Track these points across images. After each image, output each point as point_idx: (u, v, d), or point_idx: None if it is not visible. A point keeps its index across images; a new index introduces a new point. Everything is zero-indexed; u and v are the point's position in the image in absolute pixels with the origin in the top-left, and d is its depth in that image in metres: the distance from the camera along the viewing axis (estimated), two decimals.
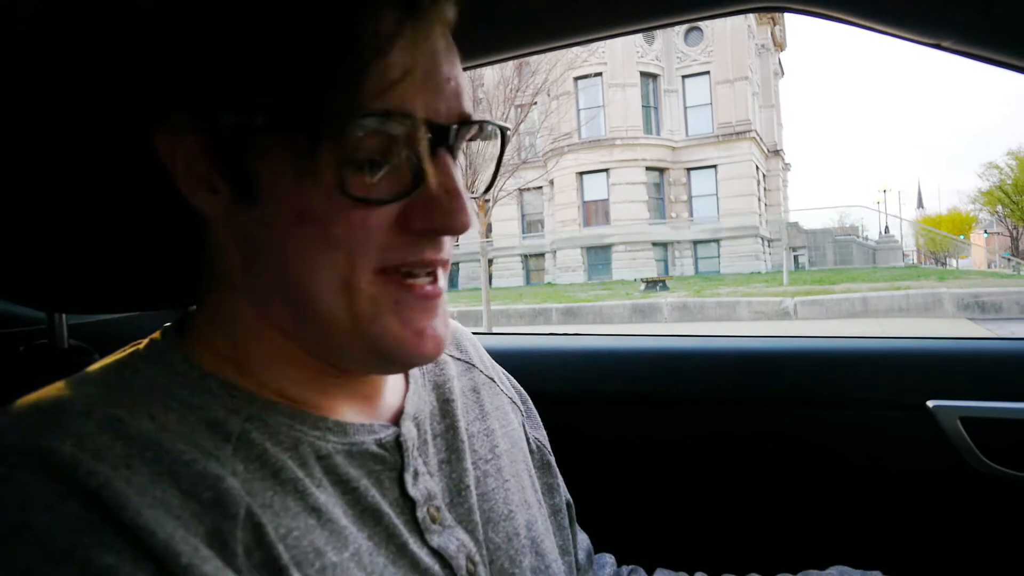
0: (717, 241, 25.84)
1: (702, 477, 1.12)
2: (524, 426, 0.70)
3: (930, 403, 0.96)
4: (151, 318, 0.97)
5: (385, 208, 0.42)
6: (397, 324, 0.45)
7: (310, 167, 0.41)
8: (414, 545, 0.48)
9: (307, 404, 0.48)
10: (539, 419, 0.74)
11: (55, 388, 0.42)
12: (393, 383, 0.57)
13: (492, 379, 0.69)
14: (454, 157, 0.46)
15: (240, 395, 0.45)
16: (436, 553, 0.49)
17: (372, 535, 0.46)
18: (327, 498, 0.44)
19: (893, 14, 0.68)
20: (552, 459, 0.71)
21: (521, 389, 0.74)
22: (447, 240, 0.46)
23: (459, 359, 0.67)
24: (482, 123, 0.48)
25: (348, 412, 0.50)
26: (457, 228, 0.44)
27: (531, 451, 0.69)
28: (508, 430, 0.65)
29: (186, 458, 0.39)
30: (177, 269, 0.54)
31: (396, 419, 0.53)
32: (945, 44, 0.69)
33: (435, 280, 0.47)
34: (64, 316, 0.75)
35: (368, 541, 0.45)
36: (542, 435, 0.72)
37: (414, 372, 0.59)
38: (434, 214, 0.43)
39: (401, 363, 0.49)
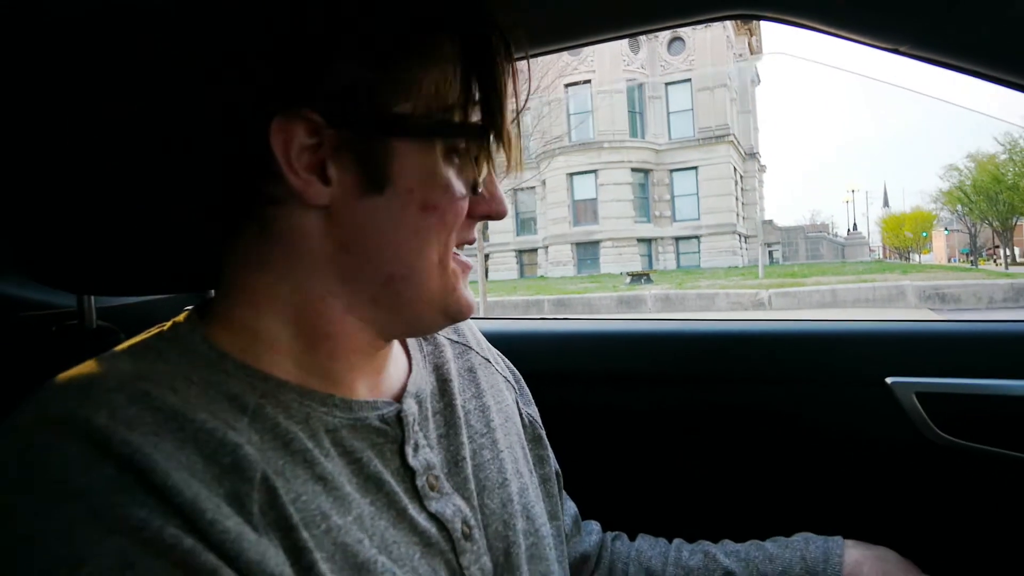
0: (698, 238, 25.89)
1: (680, 449, 1.13)
2: (517, 403, 0.71)
3: (888, 379, 0.97)
4: (171, 301, 0.98)
5: (467, 198, 0.50)
6: (465, 291, 0.53)
7: (436, 166, 0.47)
8: (413, 510, 0.49)
9: (317, 384, 0.49)
10: (531, 396, 0.75)
11: (88, 366, 0.43)
12: (396, 363, 0.58)
13: (488, 360, 0.70)
14: None
15: (254, 374, 0.46)
16: (434, 517, 0.50)
17: (374, 501, 0.47)
18: (333, 467, 0.46)
19: (855, 21, 0.69)
20: (543, 432, 0.72)
21: (514, 369, 0.75)
22: None
23: (456, 342, 0.68)
24: None
25: (357, 390, 0.52)
26: (504, 213, 0.53)
27: (524, 425, 0.70)
28: (502, 406, 0.67)
29: (208, 427, 0.40)
30: (199, 258, 0.54)
31: (399, 397, 0.55)
32: (903, 49, 0.70)
33: None
34: (92, 299, 0.75)
35: (371, 506, 0.47)
36: (534, 411, 0.73)
37: (416, 355, 0.61)
38: (492, 203, 0.52)
39: (457, 320, 0.54)
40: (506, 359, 0.76)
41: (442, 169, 0.47)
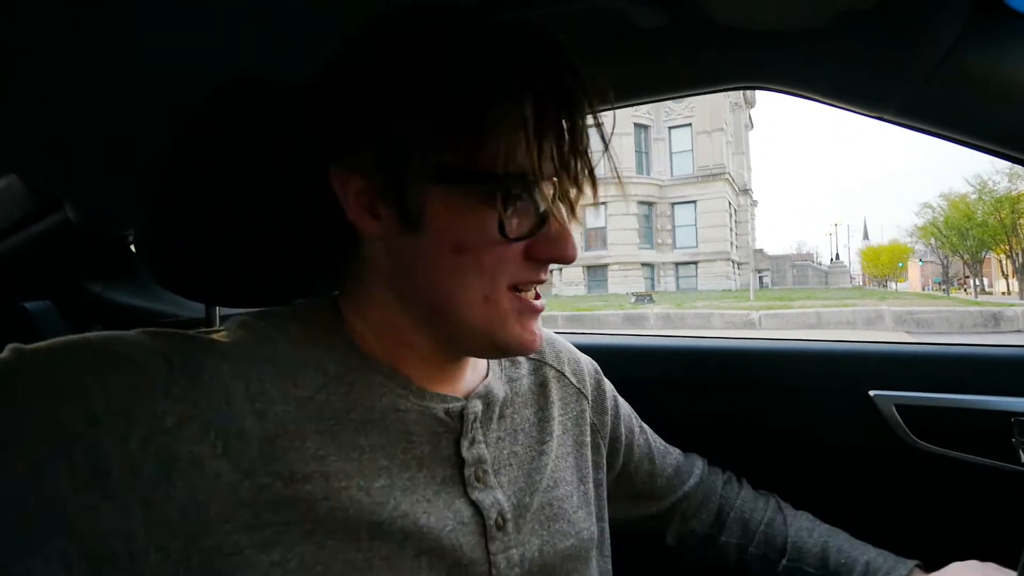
0: (695, 263, 25.65)
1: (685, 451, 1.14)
2: (589, 412, 0.69)
3: (871, 392, 0.99)
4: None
5: (519, 243, 0.46)
6: (519, 328, 0.48)
7: (472, 209, 0.44)
8: (451, 493, 0.50)
9: (404, 373, 0.50)
10: (606, 404, 0.73)
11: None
12: (476, 369, 0.58)
13: (562, 373, 0.68)
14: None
15: (358, 353, 0.49)
16: (473, 504, 0.51)
17: (413, 477, 0.48)
18: (379, 441, 0.47)
19: (843, 92, 0.72)
20: (602, 441, 0.70)
21: (595, 379, 0.73)
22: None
23: (532, 358, 0.66)
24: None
25: (433, 385, 0.52)
26: (570, 259, 0.48)
27: (592, 431, 0.69)
28: (565, 418, 0.65)
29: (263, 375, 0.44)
30: (313, 275, 0.57)
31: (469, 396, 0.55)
32: (887, 117, 0.72)
33: (537, 296, 0.51)
34: (218, 309, 0.80)
35: (408, 481, 0.47)
36: (603, 419, 0.71)
37: (493, 364, 0.60)
38: (554, 248, 0.47)
39: (513, 354, 0.51)
40: (587, 370, 0.73)
41: (479, 214, 0.44)
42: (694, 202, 25.96)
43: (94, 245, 1.25)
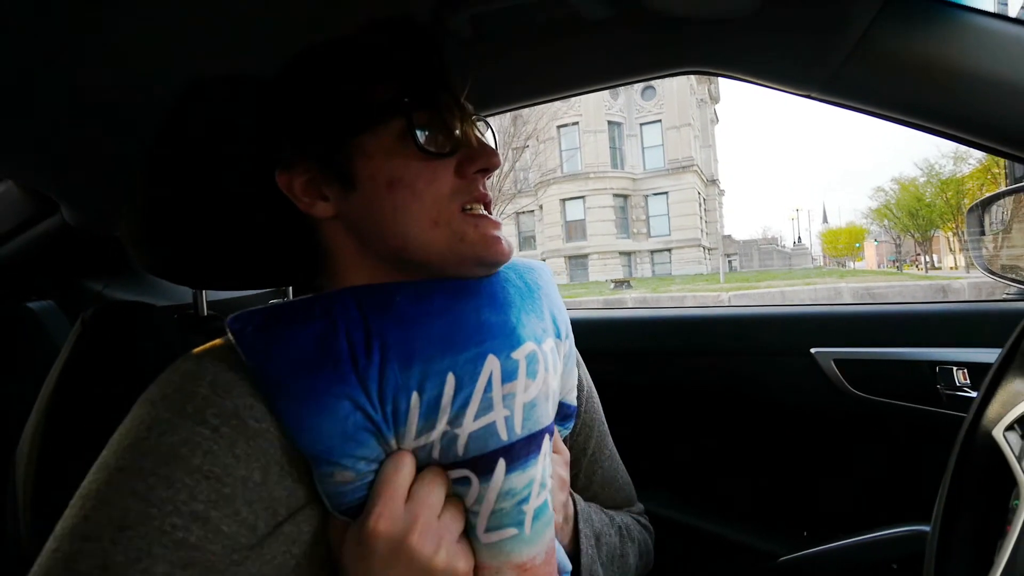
0: (669, 250, 25.81)
1: (651, 409, 1.17)
2: None
3: (812, 349, 1.02)
4: (260, 296, 1.05)
5: (446, 162, 0.47)
6: (479, 235, 0.47)
7: (390, 147, 0.46)
8: None
9: None
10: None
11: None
12: None
13: None
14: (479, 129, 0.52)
15: None
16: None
17: None
18: None
19: (772, 73, 0.73)
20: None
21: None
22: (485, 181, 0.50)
23: None
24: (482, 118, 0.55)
25: None
26: (495, 165, 0.49)
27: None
28: None
29: None
30: (282, 264, 0.57)
31: None
32: (813, 95, 0.73)
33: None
34: (204, 294, 0.81)
35: None
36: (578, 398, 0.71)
37: None
38: (479, 158, 0.48)
39: (488, 263, 0.49)
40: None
41: (398, 148, 0.46)
42: (666, 193, 26.04)
43: (92, 245, 1.24)
